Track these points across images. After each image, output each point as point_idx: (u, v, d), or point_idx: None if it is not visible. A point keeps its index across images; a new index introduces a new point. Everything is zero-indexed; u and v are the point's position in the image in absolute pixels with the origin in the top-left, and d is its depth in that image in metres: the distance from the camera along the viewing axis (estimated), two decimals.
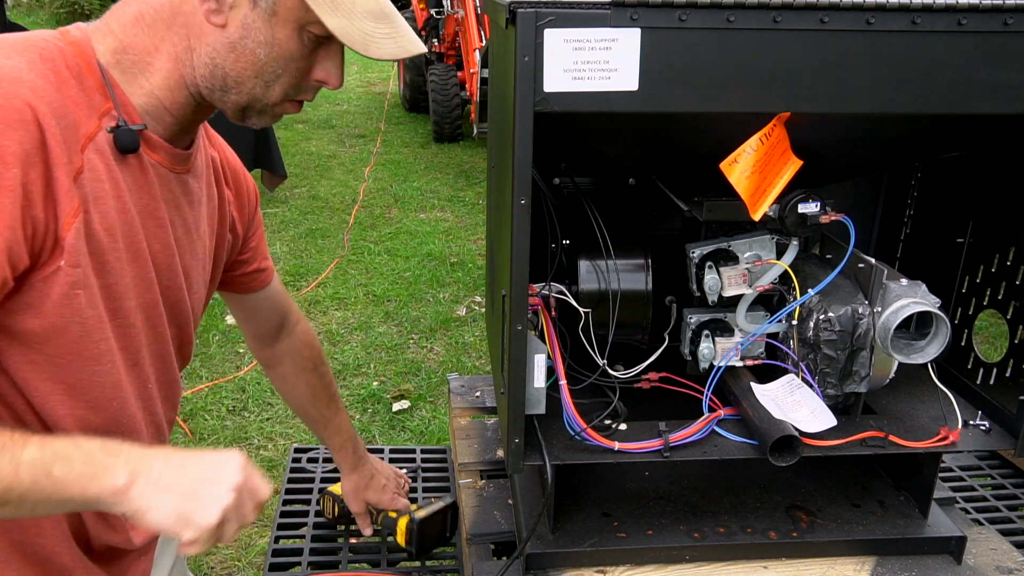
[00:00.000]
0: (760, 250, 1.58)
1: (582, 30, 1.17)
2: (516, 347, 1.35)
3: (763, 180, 1.36)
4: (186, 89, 1.23)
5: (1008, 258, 1.58)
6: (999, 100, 1.26)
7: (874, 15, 1.19)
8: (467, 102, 9.77)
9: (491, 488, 1.88)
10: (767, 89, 1.23)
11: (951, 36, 1.22)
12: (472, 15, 8.96)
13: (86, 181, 1.13)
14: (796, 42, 1.20)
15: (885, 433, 1.51)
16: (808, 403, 1.51)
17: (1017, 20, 1.21)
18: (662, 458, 1.47)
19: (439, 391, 4.59)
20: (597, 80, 1.19)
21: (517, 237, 1.27)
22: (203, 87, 1.23)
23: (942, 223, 1.76)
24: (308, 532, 2.01)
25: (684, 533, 1.58)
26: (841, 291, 1.53)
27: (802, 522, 1.62)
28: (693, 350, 1.64)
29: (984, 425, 1.57)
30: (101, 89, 1.17)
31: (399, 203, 7.95)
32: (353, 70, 14.97)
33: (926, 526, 1.61)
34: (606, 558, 1.55)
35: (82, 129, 1.14)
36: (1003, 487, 2.10)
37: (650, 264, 1.66)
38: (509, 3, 1.17)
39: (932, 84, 1.24)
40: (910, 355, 1.49)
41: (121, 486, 1.05)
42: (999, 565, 1.58)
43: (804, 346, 1.55)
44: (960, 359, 1.72)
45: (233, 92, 1.23)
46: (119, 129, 1.18)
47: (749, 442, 1.49)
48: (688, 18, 1.17)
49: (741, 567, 1.56)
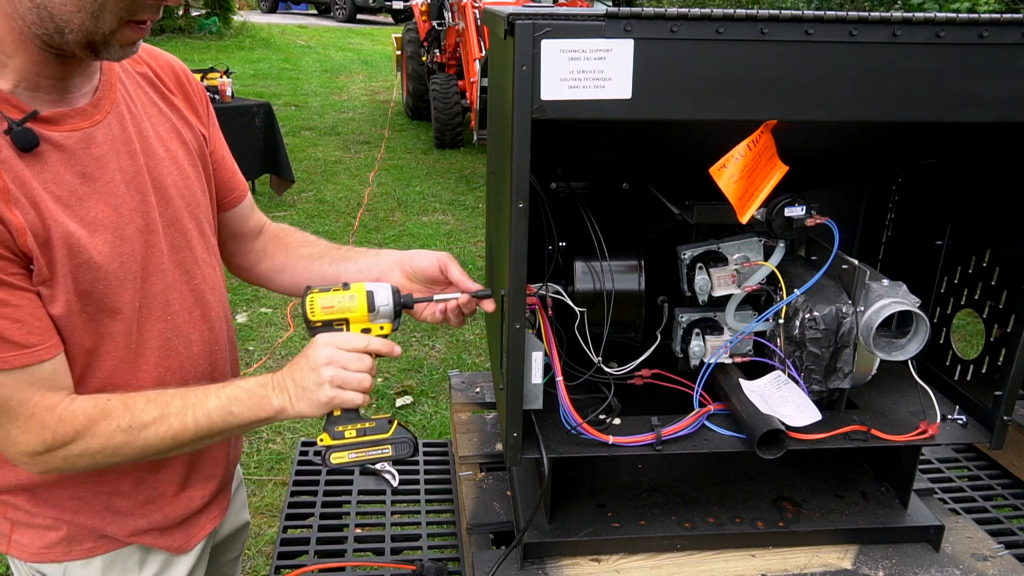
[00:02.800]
0: (748, 252, 1.60)
1: (578, 41, 1.18)
2: (515, 345, 1.37)
3: (751, 185, 1.37)
4: (33, 45, 1.19)
5: (984, 260, 1.60)
6: (975, 109, 1.27)
7: (857, 27, 1.21)
8: (467, 110, 9.81)
9: (490, 480, 1.90)
10: (754, 98, 1.24)
11: (930, 48, 1.23)
12: (472, 26, 8.99)
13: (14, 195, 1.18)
14: (782, 53, 1.22)
15: (867, 427, 1.54)
16: (794, 399, 1.55)
17: (992, 33, 1.23)
18: (654, 451, 1.49)
19: (440, 387, 4.63)
20: (592, 89, 1.20)
21: (515, 239, 1.29)
22: (41, 34, 1.17)
23: (922, 226, 1.78)
24: (315, 522, 2.04)
25: (675, 523, 1.61)
26: (826, 291, 1.55)
27: (788, 512, 1.65)
28: (684, 348, 1.66)
29: (961, 419, 1.60)
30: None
31: (402, 207, 7.98)
32: (359, 79, 14.99)
33: (906, 516, 1.64)
34: (601, 547, 1.58)
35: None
36: (979, 478, 2.12)
37: (643, 265, 1.67)
38: (508, 15, 1.18)
39: (912, 94, 1.26)
40: (891, 352, 1.52)
41: (277, 407, 1.38)
42: (975, 552, 1.61)
43: (790, 344, 1.57)
44: (939, 356, 1.74)
45: (67, 31, 1.17)
46: (11, 131, 1.18)
47: (738, 436, 1.52)
48: (679, 30, 1.18)
49: (730, 555, 1.58)
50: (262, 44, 18.06)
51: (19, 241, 1.19)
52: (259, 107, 7.32)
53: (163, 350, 1.42)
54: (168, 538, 1.53)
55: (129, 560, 1.51)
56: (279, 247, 1.75)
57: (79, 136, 1.28)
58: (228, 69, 7.92)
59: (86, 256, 1.26)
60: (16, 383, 1.23)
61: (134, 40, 1.24)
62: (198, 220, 1.50)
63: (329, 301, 1.40)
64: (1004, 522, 1.93)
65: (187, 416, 1.34)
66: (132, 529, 1.48)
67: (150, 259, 1.38)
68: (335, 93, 13.75)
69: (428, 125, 10.78)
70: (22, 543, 1.45)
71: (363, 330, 1.42)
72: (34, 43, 1.19)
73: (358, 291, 1.41)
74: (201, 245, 1.50)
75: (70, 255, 1.24)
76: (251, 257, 1.76)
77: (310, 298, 1.41)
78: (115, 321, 1.34)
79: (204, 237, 1.52)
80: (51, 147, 1.25)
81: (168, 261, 1.42)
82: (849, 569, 1.55)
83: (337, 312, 1.40)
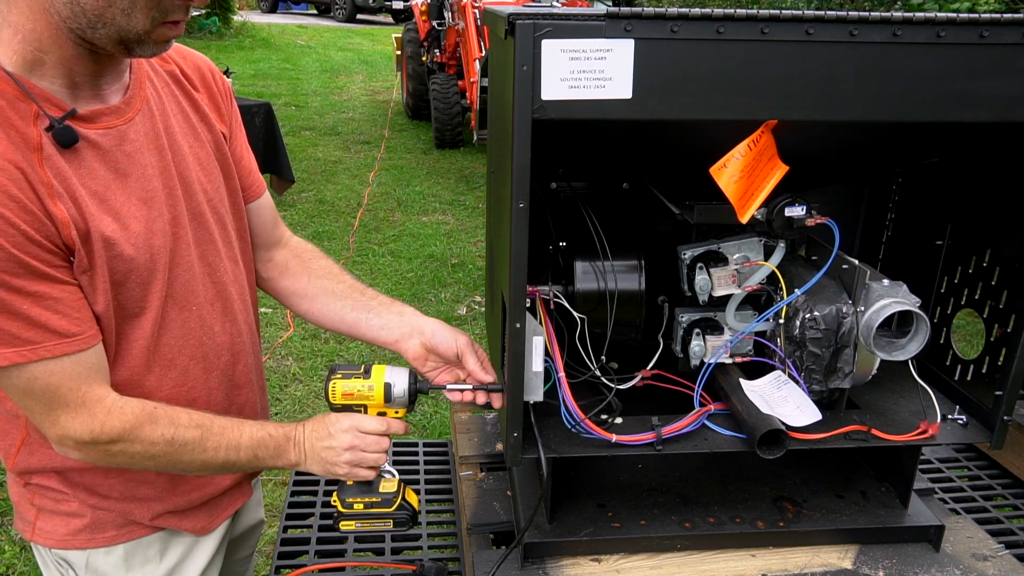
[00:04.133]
0: (749, 252, 1.60)
1: (578, 41, 1.18)
2: (515, 344, 1.37)
3: (751, 185, 1.37)
4: (69, 40, 1.22)
5: (984, 260, 1.61)
6: (976, 109, 1.27)
7: (857, 27, 1.21)
8: (468, 110, 9.82)
9: (491, 480, 1.90)
10: (755, 98, 1.24)
11: (930, 48, 1.23)
12: (472, 26, 9.00)
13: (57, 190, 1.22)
14: (783, 53, 1.22)
15: (868, 427, 1.54)
16: (794, 398, 1.55)
17: (992, 33, 1.23)
18: (655, 451, 1.49)
19: None
20: (593, 89, 1.20)
21: (515, 239, 1.29)
22: (75, 29, 1.20)
23: (922, 226, 1.78)
24: (315, 522, 2.05)
25: (676, 523, 1.61)
26: (826, 291, 1.55)
27: (788, 512, 1.65)
28: (684, 348, 1.67)
29: (961, 419, 1.60)
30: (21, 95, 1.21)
31: (402, 207, 7.98)
32: (359, 79, 14.99)
33: (906, 515, 1.64)
34: (601, 547, 1.58)
35: (31, 145, 1.20)
36: (979, 478, 2.12)
37: (643, 265, 1.67)
38: (508, 15, 1.18)
39: (912, 93, 1.26)
40: (892, 352, 1.52)
41: (294, 463, 1.50)
42: (975, 552, 1.61)
43: (791, 344, 1.57)
44: (939, 356, 1.74)
45: (100, 27, 1.20)
46: (53, 129, 1.22)
47: (738, 436, 1.52)
48: (680, 30, 1.18)
49: (730, 555, 1.59)
50: (262, 44, 18.05)
51: (64, 235, 1.23)
52: (259, 107, 7.32)
53: (186, 339, 1.47)
54: (191, 520, 1.58)
55: (150, 549, 1.55)
56: (301, 269, 1.77)
57: (113, 133, 1.33)
58: (228, 69, 7.93)
59: (119, 248, 1.31)
60: (66, 370, 1.28)
61: (169, 38, 1.28)
62: (219, 215, 1.54)
63: (350, 388, 1.51)
64: (1004, 522, 1.93)
65: (220, 447, 1.43)
66: (155, 512, 1.53)
67: (177, 251, 1.43)
68: (335, 93, 13.75)
69: (428, 125, 10.78)
70: (46, 530, 1.50)
71: (379, 413, 1.53)
72: (69, 38, 1.21)
73: (377, 382, 1.52)
74: (223, 239, 1.54)
75: (106, 247, 1.29)
76: (269, 267, 1.77)
77: (332, 384, 1.52)
78: (145, 311, 1.39)
79: (225, 232, 1.56)
80: (87, 144, 1.29)
81: (193, 253, 1.47)
82: (849, 569, 1.55)
83: (356, 399, 1.52)
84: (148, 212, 1.37)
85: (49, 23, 1.20)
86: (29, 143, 1.21)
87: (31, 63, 1.22)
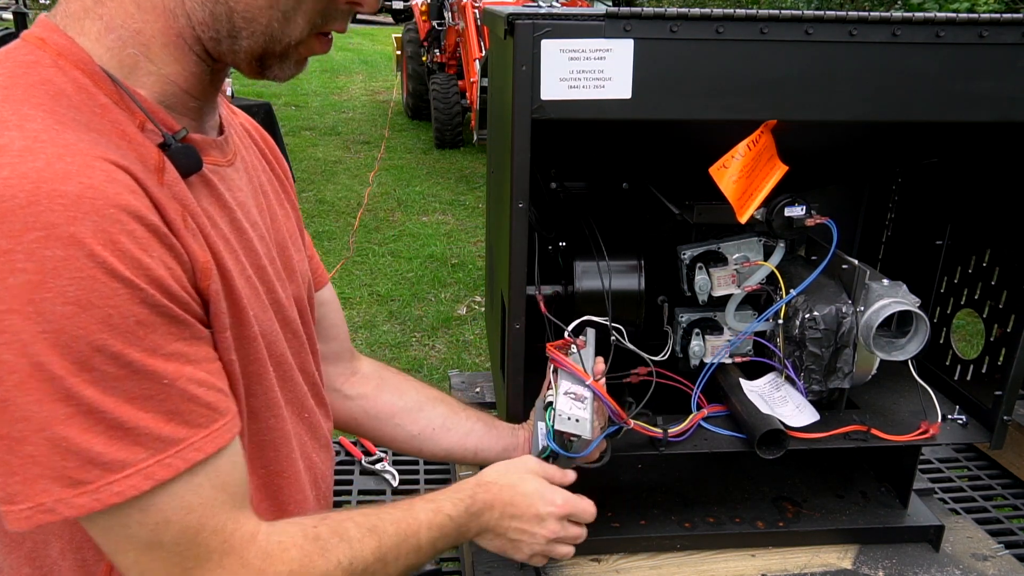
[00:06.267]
0: (748, 252, 1.60)
1: (577, 41, 1.18)
2: (515, 344, 1.37)
3: (750, 184, 1.37)
4: (191, 52, 0.95)
5: (984, 260, 1.60)
6: (975, 109, 1.27)
7: (856, 27, 1.21)
8: (467, 110, 9.83)
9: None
10: (754, 98, 1.24)
11: (930, 48, 1.23)
12: (472, 26, 9.01)
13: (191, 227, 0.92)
14: (782, 53, 1.22)
15: (867, 427, 1.54)
16: (793, 398, 1.55)
17: (992, 33, 1.23)
18: (656, 451, 1.49)
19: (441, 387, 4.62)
20: (592, 89, 1.20)
21: (515, 239, 1.29)
22: (206, 39, 0.94)
23: (922, 226, 1.77)
24: None
25: (675, 523, 1.60)
26: (825, 291, 1.55)
27: (788, 512, 1.65)
28: (684, 348, 1.66)
29: (961, 419, 1.60)
30: (120, 101, 0.90)
31: (402, 207, 7.99)
32: (359, 79, 15.00)
33: (906, 515, 1.63)
34: (601, 547, 1.57)
35: (150, 163, 0.89)
36: (979, 478, 2.11)
37: (642, 265, 1.67)
38: (508, 15, 1.19)
39: (911, 93, 1.26)
40: (891, 352, 1.51)
41: (472, 536, 1.23)
42: (975, 552, 1.61)
43: (790, 344, 1.57)
44: (939, 356, 1.74)
45: (244, 35, 0.94)
46: (170, 148, 0.91)
47: (738, 436, 1.51)
48: (679, 29, 1.19)
49: (730, 555, 1.58)
50: None
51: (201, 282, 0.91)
52: (259, 107, 7.31)
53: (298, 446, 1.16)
54: None
55: None
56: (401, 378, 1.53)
57: (222, 174, 1.03)
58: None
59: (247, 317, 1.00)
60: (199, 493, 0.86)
61: (315, 53, 1.03)
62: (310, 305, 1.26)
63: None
64: (1004, 522, 1.93)
65: (401, 551, 1.08)
66: None
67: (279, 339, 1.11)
68: (335, 93, 13.76)
69: (428, 125, 10.78)
70: None
71: None
72: (193, 49, 0.95)
73: None
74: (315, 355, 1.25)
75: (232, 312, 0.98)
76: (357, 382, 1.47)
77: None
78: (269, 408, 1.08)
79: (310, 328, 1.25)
80: (199, 179, 0.98)
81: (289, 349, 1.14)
82: (849, 569, 1.55)
83: None
84: (261, 279, 1.07)
85: (168, 27, 0.92)
86: (147, 159, 0.89)
87: (127, 68, 0.93)
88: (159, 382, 0.82)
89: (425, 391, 1.52)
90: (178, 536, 0.85)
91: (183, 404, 0.84)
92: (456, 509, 1.17)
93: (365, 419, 1.46)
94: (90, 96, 0.88)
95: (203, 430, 0.86)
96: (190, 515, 0.86)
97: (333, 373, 1.43)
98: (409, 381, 1.52)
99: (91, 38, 0.91)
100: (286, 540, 0.96)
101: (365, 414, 1.45)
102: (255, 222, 1.08)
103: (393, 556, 1.06)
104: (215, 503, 0.88)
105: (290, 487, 1.12)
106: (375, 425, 1.46)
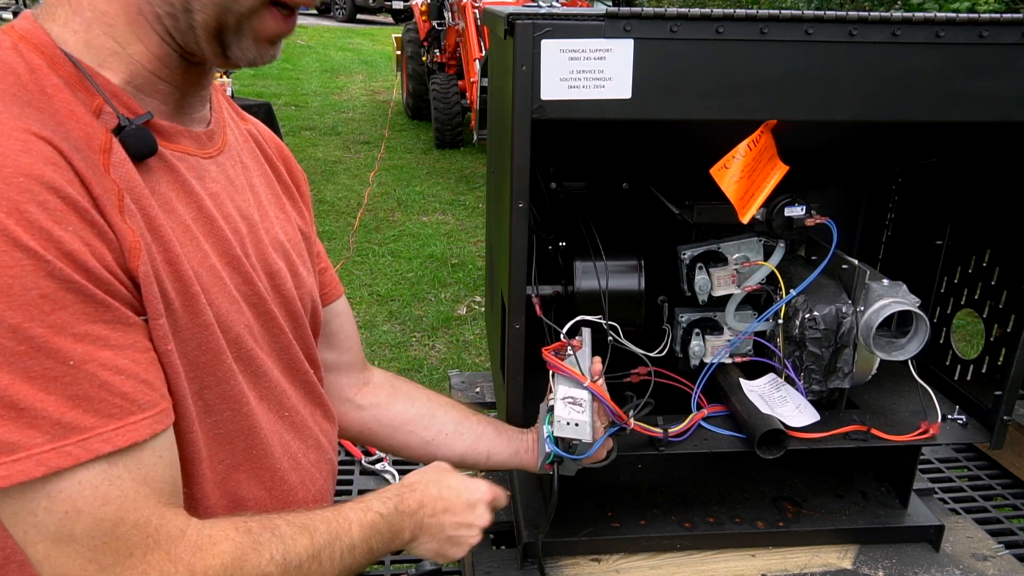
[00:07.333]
0: (748, 252, 1.60)
1: (577, 41, 1.18)
2: (515, 344, 1.37)
3: (751, 185, 1.37)
4: (152, 31, 0.94)
5: (984, 260, 1.60)
6: (975, 108, 1.28)
7: (856, 27, 1.21)
8: (467, 110, 9.82)
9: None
10: (754, 98, 1.24)
11: (930, 48, 1.23)
12: (472, 26, 9.00)
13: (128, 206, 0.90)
14: (782, 53, 1.22)
15: (867, 427, 1.54)
16: (793, 399, 1.55)
17: (992, 32, 1.23)
18: (656, 451, 1.49)
19: (441, 387, 4.62)
20: (592, 89, 1.20)
21: (515, 239, 1.29)
22: (164, 14, 0.93)
23: (922, 226, 1.78)
24: None
25: (675, 523, 1.61)
26: (826, 291, 1.55)
27: (788, 512, 1.65)
28: (684, 348, 1.66)
29: (961, 419, 1.60)
30: (79, 83, 0.90)
31: (402, 207, 7.98)
32: (359, 79, 15.00)
33: (906, 515, 1.64)
34: (601, 547, 1.58)
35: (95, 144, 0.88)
36: (979, 478, 2.11)
37: (642, 265, 1.66)
38: (508, 15, 1.19)
39: (911, 93, 1.26)
40: (891, 352, 1.51)
41: (407, 540, 1.19)
42: (975, 552, 1.61)
43: (790, 344, 1.57)
44: (939, 356, 1.74)
45: (196, 8, 0.92)
46: (123, 130, 0.91)
47: (738, 436, 1.51)
48: (679, 29, 1.19)
49: (730, 555, 1.58)
50: None
51: (130, 263, 0.87)
52: (259, 107, 7.31)
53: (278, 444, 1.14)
54: None
55: None
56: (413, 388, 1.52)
57: (192, 162, 1.02)
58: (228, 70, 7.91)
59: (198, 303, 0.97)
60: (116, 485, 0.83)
61: (274, 36, 0.99)
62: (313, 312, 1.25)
63: None
64: (1004, 522, 1.93)
65: (334, 549, 1.05)
66: None
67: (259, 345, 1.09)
68: (335, 93, 13.75)
69: (428, 125, 10.78)
70: None
71: None
72: (155, 28, 0.94)
73: None
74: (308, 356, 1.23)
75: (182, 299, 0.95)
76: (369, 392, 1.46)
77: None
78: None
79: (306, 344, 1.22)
80: (161, 164, 0.97)
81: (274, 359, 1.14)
82: (849, 569, 1.55)
83: None
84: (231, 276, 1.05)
85: (127, 7, 0.93)
86: (93, 140, 0.88)
87: (96, 51, 0.93)
88: (64, 363, 0.78)
89: (436, 398, 1.51)
90: (92, 529, 0.81)
91: (92, 390, 0.80)
92: (386, 507, 1.15)
93: (378, 428, 1.46)
94: (41, 77, 0.88)
95: (115, 421, 0.82)
96: (105, 507, 0.82)
97: (346, 384, 1.43)
98: (420, 389, 1.52)
99: (59, 23, 0.93)
100: (217, 534, 0.93)
101: (378, 423, 1.45)
102: (229, 215, 1.06)
103: (327, 554, 1.03)
104: (137, 497, 0.84)
105: (260, 485, 1.09)
106: (388, 433, 1.46)
